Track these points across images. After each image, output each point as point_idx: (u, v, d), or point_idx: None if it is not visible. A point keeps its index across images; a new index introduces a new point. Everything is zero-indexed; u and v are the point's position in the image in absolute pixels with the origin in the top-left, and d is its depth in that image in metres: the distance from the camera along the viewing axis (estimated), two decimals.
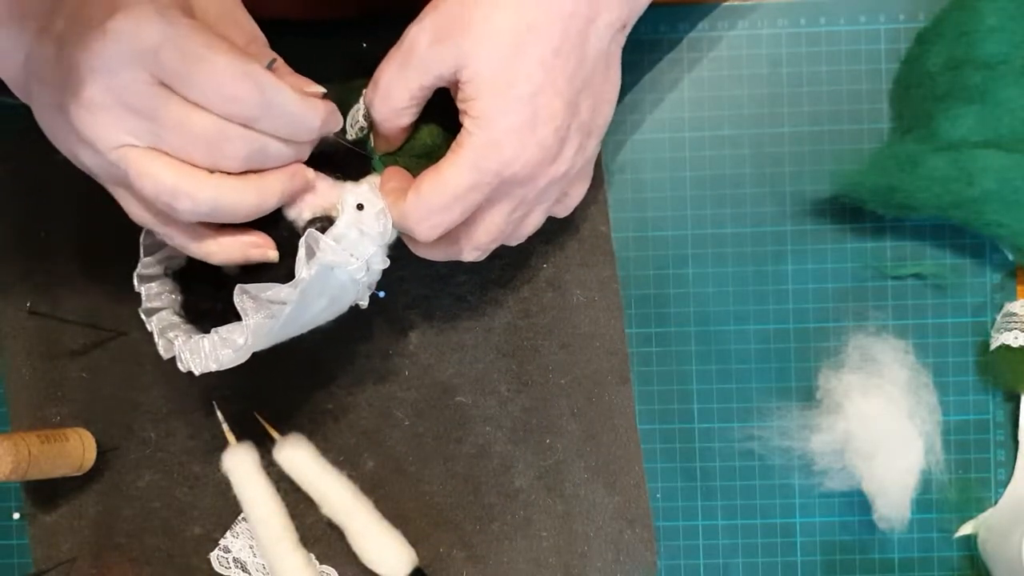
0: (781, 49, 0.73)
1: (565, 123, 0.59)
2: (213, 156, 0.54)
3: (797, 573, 0.74)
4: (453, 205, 0.59)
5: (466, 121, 0.58)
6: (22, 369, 0.72)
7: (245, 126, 0.54)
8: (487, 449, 0.72)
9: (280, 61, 0.58)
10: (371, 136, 0.64)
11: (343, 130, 0.63)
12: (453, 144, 0.59)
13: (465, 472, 0.72)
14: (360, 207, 0.61)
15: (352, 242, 0.60)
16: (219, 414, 0.71)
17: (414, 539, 0.71)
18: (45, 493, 0.72)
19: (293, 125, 0.56)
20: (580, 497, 0.72)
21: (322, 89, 0.58)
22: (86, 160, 0.57)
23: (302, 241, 0.59)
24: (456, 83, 0.58)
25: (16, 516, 0.74)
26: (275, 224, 0.60)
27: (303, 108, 0.55)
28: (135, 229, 0.71)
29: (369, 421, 0.71)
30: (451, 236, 0.62)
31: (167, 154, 0.54)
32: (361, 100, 0.62)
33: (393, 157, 0.64)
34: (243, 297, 0.60)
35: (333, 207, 0.61)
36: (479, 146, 0.57)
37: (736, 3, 0.73)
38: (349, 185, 0.62)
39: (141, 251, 0.65)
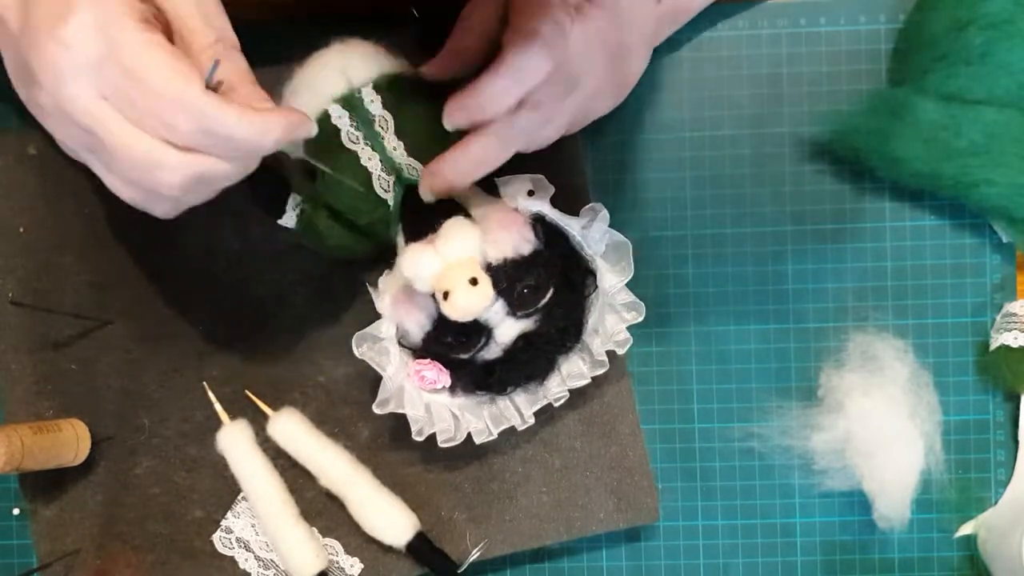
0: (781, 49, 0.73)
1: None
2: (148, 181, 0.53)
3: (797, 573, 0.74)
4: (517, 82, 0.59)
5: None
6: (11, 365, 0.73)
7: (186, 149, 0.52)
8: None
9: (238, 68, 0.54)
10: (405, 170, 0.66)
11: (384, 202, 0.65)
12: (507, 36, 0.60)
13: None
14: (531, 192, 0.66)
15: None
16: (210, 395, 0.72)
17: (415, 504, 0.71)
18: (44, 487, 0.72)
19: (238, 148, 0.53)
20: (576, 449, 0.72)
21: (270, 106, 0.54)
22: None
23: None
24: None
25: (16, 512, 0.75)
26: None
27: (249, 131, 0.52)
28: (111, 220, 0.72)
29: (361, 391, 0.71)
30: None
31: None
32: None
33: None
34: None
35: (525, 214, 0.66)
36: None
37: (736, 3, 0.73)
38: (503, 201, 0.66)
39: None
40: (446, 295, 0.63)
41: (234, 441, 0.71)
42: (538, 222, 0.66)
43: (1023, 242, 0.72)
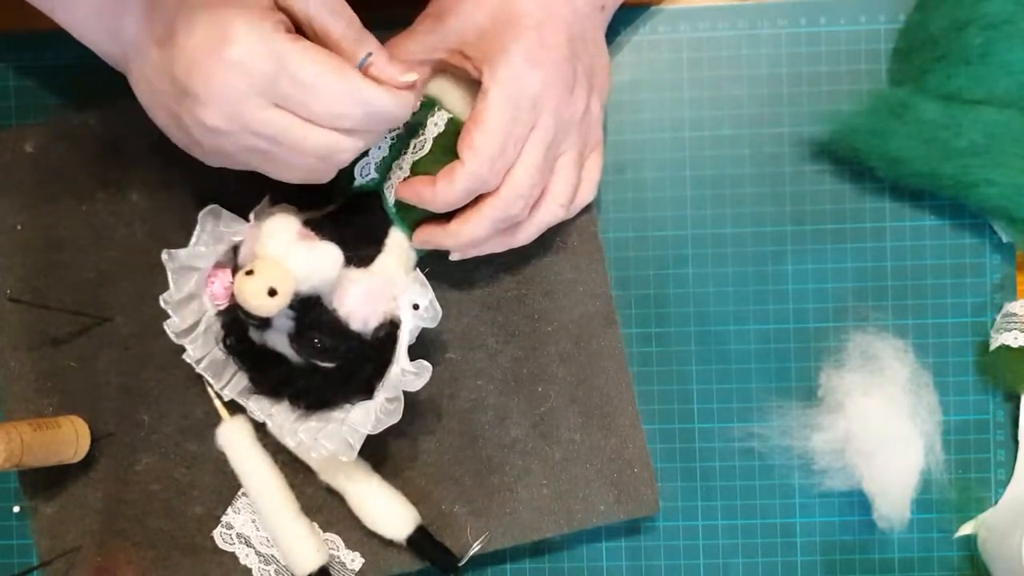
0: (781, 49, 0.73)
1: (571, 54, 0.64)
2: (326, 163, 0.60)
3: (797, 573, 0.74)
4: (506, 145, 0.62)
5: (485, 68, 0.63)
6: (10, 363, 0.73)
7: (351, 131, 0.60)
8: (480, 403, 0.72)
9: (376, 49, 0.60)
10: (385, 190, 0.67)
11: (351, 178, 0.67)
12: (479, 94, 0.63)
13: (460, 428, 0.72)
14: (416, 307, 0.65)
15: (415, 334, 0.66)
16: (210, 390, 0.72)
17: (415, 498, 0.71)
18: (45, 485, 0.72)
19: (390, 121, 0.61)
20: (576, 442, 0.72)
21: (415, 76, 0.61)
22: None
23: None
24: (465, 46, 0.64)
25: (16, 510, 0.75)
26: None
27: (398, 107, 0.60)
28: (109, 217, 0.73)
29: None
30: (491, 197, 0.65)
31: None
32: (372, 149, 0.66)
33: (412, 213, 0.67)
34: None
35: (392, 312, 0.65)
36: (505, 79, 0.62)
37: (736, 3, 0.73)
38: (399, 285, 0.65)
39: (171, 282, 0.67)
40: (249, 272, 0.60)
41: (234, 437, 0.71)
42: (388, 326, 0.65)
43: (1023, 242, 0.72)
